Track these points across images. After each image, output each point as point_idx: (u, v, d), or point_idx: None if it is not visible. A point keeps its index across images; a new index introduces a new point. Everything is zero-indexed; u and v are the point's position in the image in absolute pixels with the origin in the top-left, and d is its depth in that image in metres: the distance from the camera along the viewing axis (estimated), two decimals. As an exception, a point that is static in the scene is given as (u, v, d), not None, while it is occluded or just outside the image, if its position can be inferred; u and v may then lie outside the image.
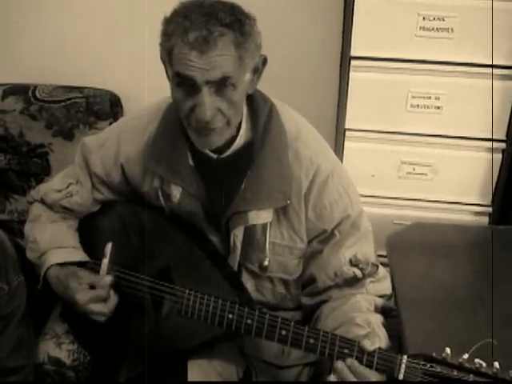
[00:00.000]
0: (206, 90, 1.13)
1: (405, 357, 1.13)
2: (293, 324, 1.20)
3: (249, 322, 1.23)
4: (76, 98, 1.91)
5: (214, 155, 1.29)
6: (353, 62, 1.72)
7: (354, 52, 1.70)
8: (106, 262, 1.33)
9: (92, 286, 1.32)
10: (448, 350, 1.11)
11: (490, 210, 1.85)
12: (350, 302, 1.29)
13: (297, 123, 1.32)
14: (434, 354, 1.11)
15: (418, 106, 1.74)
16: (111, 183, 1.42)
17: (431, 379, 1.10)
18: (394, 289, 1.43)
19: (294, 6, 1.92)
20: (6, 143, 1.93)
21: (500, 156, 1.78)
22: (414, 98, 1.74)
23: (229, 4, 1.15)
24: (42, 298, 1.43)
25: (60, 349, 1.49)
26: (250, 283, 1.38)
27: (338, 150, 1.82)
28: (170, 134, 1.31)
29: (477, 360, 1.09)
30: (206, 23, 1.10)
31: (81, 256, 1.41)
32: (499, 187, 1.81)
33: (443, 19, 1.63)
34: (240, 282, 1.36)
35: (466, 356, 1.09)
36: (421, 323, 1.36)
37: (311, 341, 1.18)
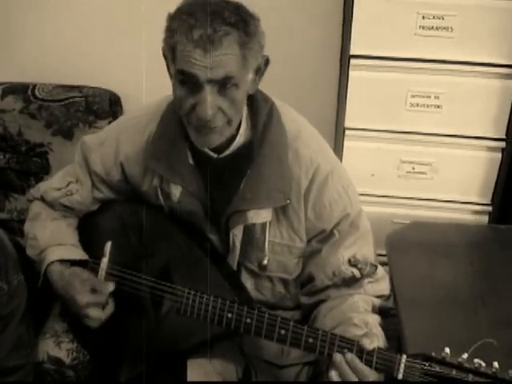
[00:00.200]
0: (209, 88, 1.13)
1: (404, 356, 1.12)
2: (292, 323, 1.20)
3: (248, 321, 1.23)
4: (75, 97, 1.91)
5: (214, 154, 1.28)
6: (352, 61, 1.71)
7: (353, 51, 1.70)
8: (105, 261, 1.33)
9: (93, 290, 1.32)
10: (447, 349, 1.10)
11: (490, 208, 1.85)
12: (348, 302, 1.29)
13: (297, 123, 1.32)
14: (434, 354, 1.11)
15: (417, 104, 1.74)
16: (111, 182, 1.42)
17: (430, 379, 1.10)
18: (393, 288, 1.43)
19: (294, 5, 1.92)
20: (6, 142, 1.92)
21: (500, 155, 1.78)
22: (413, 96, 1.73)
23: (234, 3, 1.15)
24: (42, 296, 1.43)
25: (59, 348, 1.49)
26: (249, 282, 1.38)
27: (337, 149, 1.82)
28: (169, 132, 1.30)
29: (476, 360, 1.08)
30: (211, 22, 1.09)
31: (80, 254, 1.41)
32: (499, 186, 1.81)
33: (443, 18, 1.63)
34: (239, 281, 1.36)
35: (465, 356, 1.09)
36: (420, 323, 1.35)
37: (310, 340, 1.18)
